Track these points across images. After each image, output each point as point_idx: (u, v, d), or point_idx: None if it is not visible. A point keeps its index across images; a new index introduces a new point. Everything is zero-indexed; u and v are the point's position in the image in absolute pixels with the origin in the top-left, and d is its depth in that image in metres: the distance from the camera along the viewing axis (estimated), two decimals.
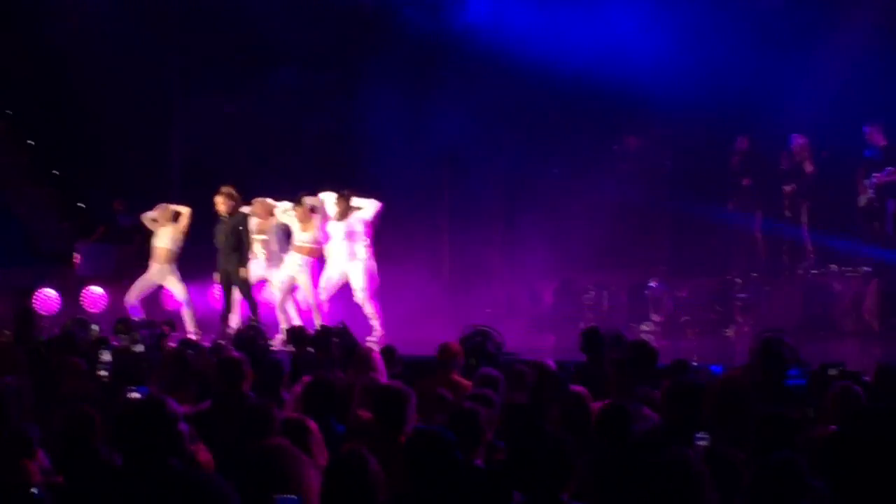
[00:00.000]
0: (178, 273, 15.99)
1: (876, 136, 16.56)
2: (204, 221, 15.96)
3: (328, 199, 15.49)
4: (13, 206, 21.58)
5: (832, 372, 8.49)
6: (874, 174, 16.44)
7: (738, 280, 17.43)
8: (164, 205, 16.17)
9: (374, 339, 14.62)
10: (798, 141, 17.27)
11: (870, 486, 4.79)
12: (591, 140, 20.24)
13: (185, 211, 16.02)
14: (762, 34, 17.78)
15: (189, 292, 15.99)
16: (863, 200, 16.67)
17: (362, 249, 15.46)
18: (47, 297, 18.48)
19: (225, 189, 15.61)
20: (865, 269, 16.57)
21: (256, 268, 15.80)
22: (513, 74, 18.96)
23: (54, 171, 22.27)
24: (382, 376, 8.79)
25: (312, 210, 15.44)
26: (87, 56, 19.97)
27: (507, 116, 20.15)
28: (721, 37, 17.59)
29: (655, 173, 19.49)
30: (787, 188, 17.44)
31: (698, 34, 17.50)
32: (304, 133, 19.90)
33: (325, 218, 15.43)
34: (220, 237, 15.59)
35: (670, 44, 17.55)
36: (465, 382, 9.01)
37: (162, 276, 16.00)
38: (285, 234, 15.91)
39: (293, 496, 5.31)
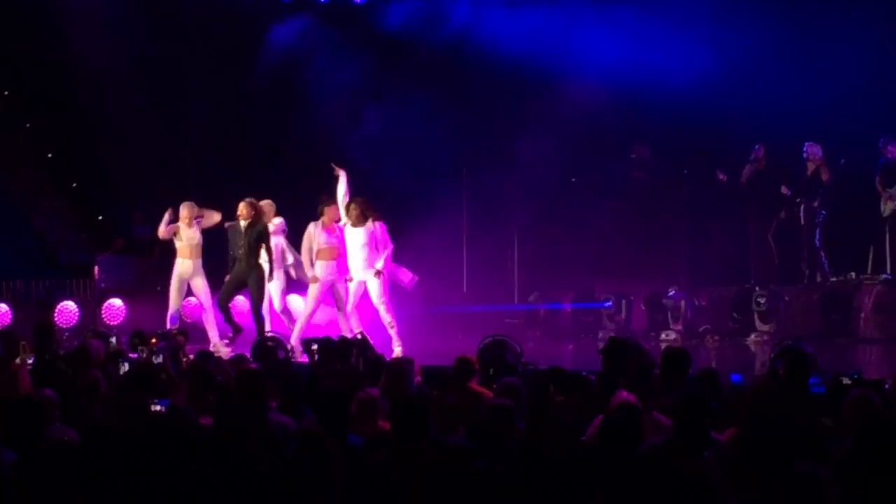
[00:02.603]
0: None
1: (892, 149, 16.50)
2: (217, 232, 15.90)
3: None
4: (32, 218, 21.66)
5: (846, 381, 8.47)
6: None
7: (758, 288, 17.39)
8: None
9: (399, 348, 14.58)
10: (813, 149, 17.19)
11: (890, 494, 4.78)
12: (609, 149, 20.24)
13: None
14: (775, 41, 17.73)
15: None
16: (887, 210, 16.54)
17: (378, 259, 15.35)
18: (67, 309, 18.53)
19: (248, 199, 15.53)
20: (885, 276, 16.51)
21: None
22: (531, 86, 18.95)
23: (73, 184, 22.35)
24: (411, 387, 8.79)
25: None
26: (104, 69, 20.01)
27: (526, 127, 20.15)
28: (735, 44, 17.56)
29: (671, 182, 19.46)
30: (803, 196, 17.35)
31: (713, 42, 17.47)
32: (320, 142, 19.88)
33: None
34: (241, 246, 15.43)
35: (686, 52, 17.52)
36: (486, 392, 8.98)
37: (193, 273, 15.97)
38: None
39: None
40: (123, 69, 20.20)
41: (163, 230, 15.85)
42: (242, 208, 15.36)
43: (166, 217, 15.79)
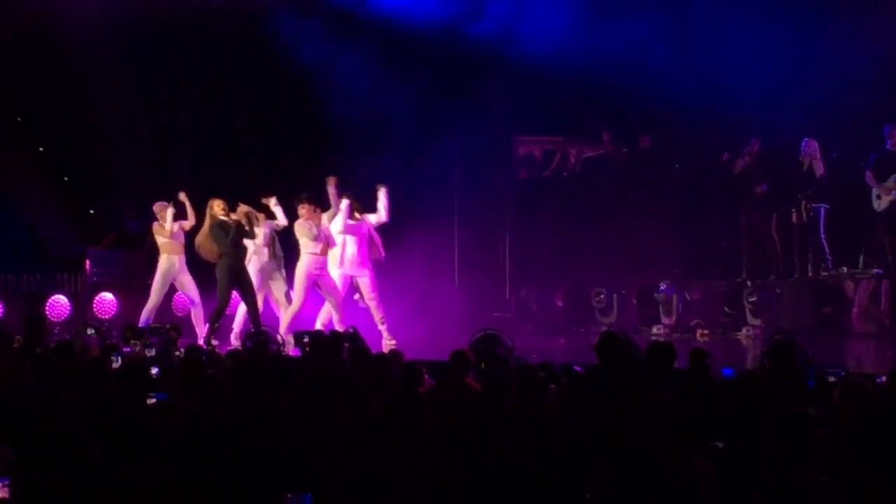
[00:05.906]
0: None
1: None
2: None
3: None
4: (23, 212, 21.64)
5: (831, 379, 8.49)
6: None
7: (749, 282, 17.39)
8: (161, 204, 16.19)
9: (392, 343, 14.56)
10: (809, 145, 17.11)
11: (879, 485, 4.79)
12: (602, 142, 20.22)
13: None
14: (772, 34, 17.68)
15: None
16: (882, 204, 16.40)
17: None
18: (59, 303, 18.54)
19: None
20: (877, 270, 16.49)
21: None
22: (526, 78, 18.88)
23: (64, 178, 22.31)
24: (393, 379, 8.79)
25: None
26: (95, 62, 19.99)
27: (517, 120, 20.15)
28: (732, 37, 17.51)
29: (666, 174, 19.44)
30: (801, 192, 17.29)
31: (710, 34, 17.44)
32: (312, 134, 19.87)
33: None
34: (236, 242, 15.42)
35: (683, 44, 17.49)
36: (476, 386, 8.99)
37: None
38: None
39: (305, 494, 5.33)
40: (115, 63, 20.16)
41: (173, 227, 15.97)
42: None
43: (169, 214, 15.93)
